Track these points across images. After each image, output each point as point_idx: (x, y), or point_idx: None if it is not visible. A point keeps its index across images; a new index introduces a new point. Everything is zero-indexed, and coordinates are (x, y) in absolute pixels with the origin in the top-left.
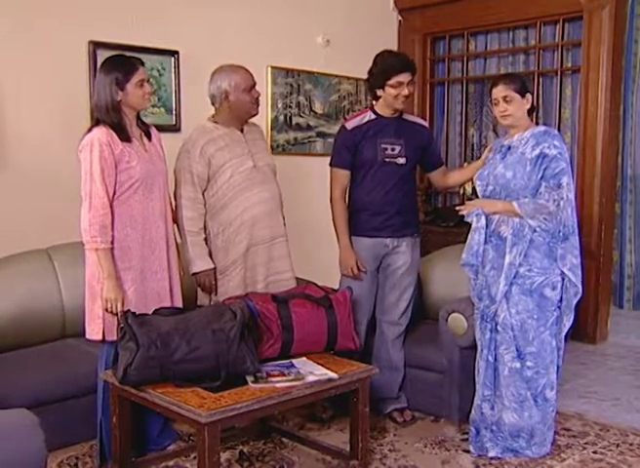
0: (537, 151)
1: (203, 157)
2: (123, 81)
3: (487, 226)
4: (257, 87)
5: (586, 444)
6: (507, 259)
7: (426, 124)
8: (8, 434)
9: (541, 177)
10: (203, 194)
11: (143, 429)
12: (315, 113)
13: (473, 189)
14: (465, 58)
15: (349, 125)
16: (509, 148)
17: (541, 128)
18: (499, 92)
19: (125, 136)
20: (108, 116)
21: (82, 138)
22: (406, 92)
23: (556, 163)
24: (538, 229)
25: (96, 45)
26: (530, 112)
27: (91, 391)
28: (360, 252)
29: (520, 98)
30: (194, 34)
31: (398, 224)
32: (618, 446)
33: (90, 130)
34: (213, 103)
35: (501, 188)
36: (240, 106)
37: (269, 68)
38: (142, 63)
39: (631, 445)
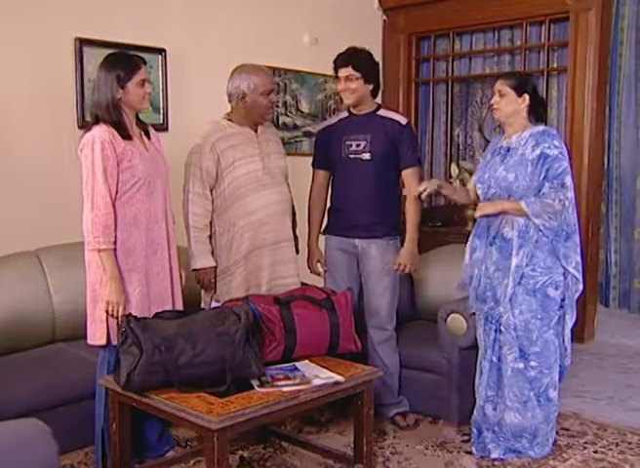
0: (537, 152)
1: (213, 153)
2: (125, 79)
3: (489, 228)
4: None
5: (586, 443)
6: (514, 262)
7: (403, 120)
8: (22, 444)
9: (544, 178)
10: (211, 191)
11: (141, 435)
12: (302, 112)
13: None
14: (451, 58)
15: (322, 125)
16: (508, 150)
17: (540, 128)
18: (496, 85)
19: (126, 134)
20: (108, 114)
21: (82, 136)
22: (343, 86)
23: (558, 163)
24: (542, 228)
25: (82, 42)
26: (535, 113)
27: (84, 397)
28: (331, 250)
29: (514, 95)
30: (181, 32)
31: (367, 224)
32: (617, 445)
33: (90, 128)
34: (230, 101)
35: (504, 191)
36: (255, 109)
37: None
38: (145, 63)
39: (630, 443)
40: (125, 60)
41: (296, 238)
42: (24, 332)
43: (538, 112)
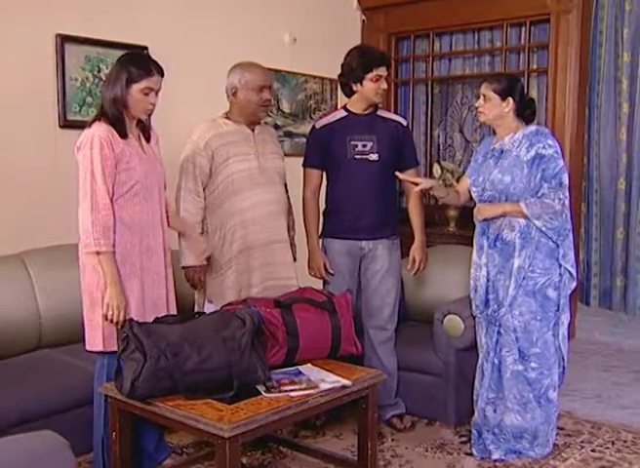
0: (532, 153)
1: (207, 150)
2: (131, 80)
3: (488, 229)
4: (267, 90)
5: (583, 442)
6: (516, 263)
7: (404, 121)
8: (42, 458)
9: (541, 178)
10: (204, 188)
11: (139, 444)
12: (283, 112)
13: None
14: (430, 59)
15: (319, 124)
16: (502, 151)
17: (532, 128)
18: (481, 89)
19: (122, 132)
20: (109, 108)
21: (81, 135)
22: (385, 85)
23: (554, 162)
24: (544, 229)
25: (63, 38)
26: (522, 115)
27: (76, 405)
28: (334, 254)
29: (498, 100)
30: (163, 30)
31: (373, 225)
32: (613, 443)
33: (89, 125)
34: (227, 98)
35: (500, 194)
36: (246, 105)
37: None
38: (162, 73)
39: (625, 441)
40: (140, 62)
41: (293, 243)
42: (9, 339)
43: (525, 114)
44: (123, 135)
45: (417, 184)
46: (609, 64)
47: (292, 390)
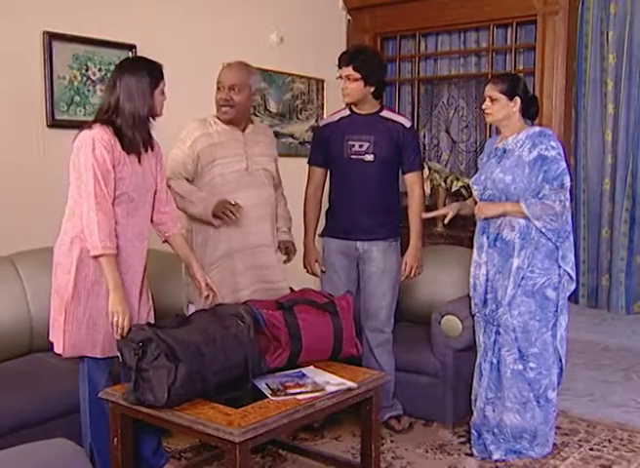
0: (534, 154)
1: (192, 150)
2: (153, 87)
3: (489, 228)
4: (225, 89)
5: (580, 441)
6: (515, 263)
7: (407, 123)
8: (60, 466)
9: (543, 179)
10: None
11: (136, 449)
12: (270, 112)
13: (432, 189)
14: (417, 59)
15: (322, 122)
16: (505, 151)
17: (536, 129)
18: (487, 90)
19: (130, 149)
20: (133, 127)
21: (78, 134)
22: (343, 85)
23: (557, 164)
24: (544, 230)
25: (51, 36)
26: (527, 113)
27: (73, 410)
28: (331, 253)
29: (506, 100)
30: (152, 29)
31: (368, 226)
32: (610, 441)
33: (90, 126)
34: None
35: (501, 193)
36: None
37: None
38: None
39: (622, 440)
40: (154, 67)
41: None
42: (0, 343)
43: (530, 112)
44: (128, 150)
45: (445, 216)
46: (595, 66)
47: (298, 393)
